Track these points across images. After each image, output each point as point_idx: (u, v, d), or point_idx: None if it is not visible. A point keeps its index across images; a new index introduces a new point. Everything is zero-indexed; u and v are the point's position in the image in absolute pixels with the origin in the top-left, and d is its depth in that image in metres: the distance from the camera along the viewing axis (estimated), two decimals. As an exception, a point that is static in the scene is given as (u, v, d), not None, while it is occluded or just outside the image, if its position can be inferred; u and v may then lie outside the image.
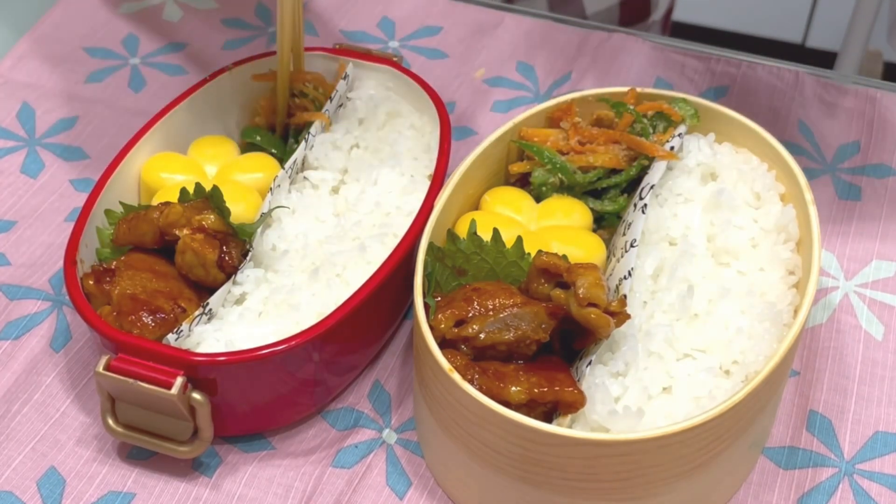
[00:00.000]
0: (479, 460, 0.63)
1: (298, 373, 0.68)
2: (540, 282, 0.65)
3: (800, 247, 0.70)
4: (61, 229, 0.84)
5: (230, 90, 0.83)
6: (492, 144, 0.74)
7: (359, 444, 0.71)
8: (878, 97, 0.92)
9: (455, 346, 0.63)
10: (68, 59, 0.99)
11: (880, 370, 0.75)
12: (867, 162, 0.88)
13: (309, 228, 0.74)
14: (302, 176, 0.78)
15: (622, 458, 0.59)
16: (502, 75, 0.97)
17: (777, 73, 0.95)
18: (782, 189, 0.73)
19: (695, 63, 0.97)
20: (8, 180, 0.88)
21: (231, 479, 0.70)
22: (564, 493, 0.62)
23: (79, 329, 0.78)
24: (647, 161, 0.73)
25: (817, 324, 0.77)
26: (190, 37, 1.01)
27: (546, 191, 0.73)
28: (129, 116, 0.93)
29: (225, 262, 0.69)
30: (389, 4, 1.04)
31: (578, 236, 0.70)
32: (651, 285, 0.68)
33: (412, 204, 0.75)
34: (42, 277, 0.81)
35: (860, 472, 0.70)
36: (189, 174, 0.77)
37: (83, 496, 0.69)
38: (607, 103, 0.76)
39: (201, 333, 0.68)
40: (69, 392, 0.74)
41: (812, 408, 0.73)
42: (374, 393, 0.74)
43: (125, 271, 0.69)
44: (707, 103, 0.76)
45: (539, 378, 0.62)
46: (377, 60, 0.84)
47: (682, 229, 0.71)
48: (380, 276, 0.68)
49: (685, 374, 0.64)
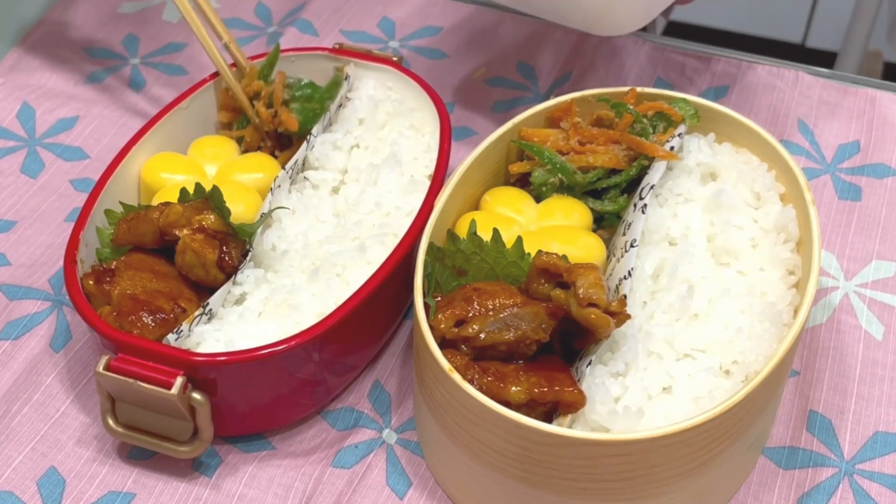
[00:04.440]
0: (479, 460, 0.63)
1: (298, 373, 0.68)
2: (540, 282, 0.65)
3: (800, 247, 0.70)
4: (61, 229, 0.84)
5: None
6: (492, 144, 0.74)
7: (359, 444, 0.71)
8: (878, 97, 0.92)
9: (455, 346, 0.64)
10: (68, 59, 0.99)
11: (880, 370, 0.75)
12: (867, 162, 0.88)
13: (309, 228, 0.74)
14: (302, 176, 0.78)
15: (622, 458, 0.59)
16: (502, 75, 0.97)
17: (777, 73, 0.95)
18: (782, 189, 0.73)
19: (695, 63, 0.97)
20: (8, 180, 0.88)
21: (231, 479, 0.70)
22: (564, 493, 0.62)
23: (79, 329, 0.78)
24: (647, 161, 0.73)
25: (817, 324, 0.77)
26: (190, 37, 1.01)
27: (546, 191, 0.73)
28: (129, 116, 0.93)
29: (225, 263, 0.69)
30: (389, 4, 1.04)
31: (578, 236, 0.70)
32: (651, 285, 0.68)
33: (412, 204, 0.75)
34: (42, 277, 0.81)
35: (860, 472, 0.70)
36: (189, 174, 0.77)
37: (83, 496, 0.69)
38: (607, 103, 0.76)
39: (201, 333, 0.68)
40: (69, 392, 0.74)
41: (812, 408, 0.73)
42: (374, 393, 0.74)
43: (125, 271, 0.69)
44: (707, 103, 0.76)
45: (539, 378, 0.62)
46: (377, 60, 0.84)
47: (682, 229, 0.71)
48: (380, 276, 0.68)
49: (685, 374, 0.64)
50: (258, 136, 0.82)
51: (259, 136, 0.82)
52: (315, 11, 1.03)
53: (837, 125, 0.91)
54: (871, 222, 0.84)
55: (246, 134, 0.82)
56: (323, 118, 0.80)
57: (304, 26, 1.02)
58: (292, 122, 0.80)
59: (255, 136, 0.82)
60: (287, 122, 0.80)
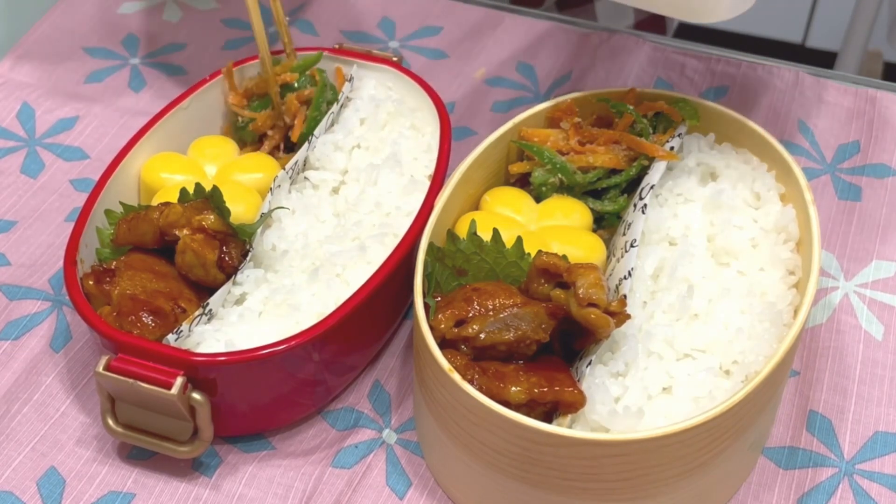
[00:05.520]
0: (479, 460, 0.63)
1: (298, 373, 0.68)
2: (540, 282, 0.65)
3: (800, 247, 0.70)
4: (61, 229, 0.84)
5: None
6: (492, 144, 0.74)
7: (359, 444, 0.71)
8: (878, 97, 0.92)
9: (455, 346, 0.64)
10: (68, 59, 0.99)
11: (880, 370, 0.75)
12: (867, 162, 0.88)
13: (309, 228, 0.74)
14: (302, 176, 0.78)
15: (622, 458, 0.59)
16: (502, 75, 0.97)
17: (777, 73, 0.95)
18: (782, 189, 0.73)
19: (695, 63, 0.97)
20: (8, 180, 0.88)
21: (231, 479, 0.70)
22: (564, 493, 0.62)
23: (79, 329, 0.78)
24: (647, 161, 0.73)
25: (817, 324, 0.77)
26: (190, 37, 1.01)
27: (546, 191, 0.73)
28: (129, 116, 0.93)
29: (225, 263, 0.69)
30: (389, 4, 1.04)
31: (578, 236, 0.70)
32: (651, 285, 0.68)
33: (412, 204, 0.75)
34: (42, 277, 0.81)
35: (860, 472, 0.70)
36: (189, 174, 0.77)
37: (83, 496, 0.69)
38: (607, 103, 0.76)
39: (201, 333, 0.68)
40: (69, 392, 0.74)
41: (812, 408, 0.73)
42: (374, 393, 0.74)
43: (125, 271, 0.69)
44: (707, 103, 0.76)
45: (539, 378, 0.62)
46: (377, 60, 0.84)
47: (682, 229, 0.71)
48: (380, 276, 0.68)
49: (685, 374, 0.64)
50: (269, 124, 0.82)
51: (270, 124, 0.82)
52: (315, 11, 1.03)
53: (837, 125, 0.91)
54: (871, 222, 0.84)
55: (260, 118, 0.81)
56: (325, 119, 0.80)
57: (304, 26, 1.02)
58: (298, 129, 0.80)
59: (267, 122, 0.81)
60: (298, 126, 0.80)
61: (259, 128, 0.81)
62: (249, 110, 0.82)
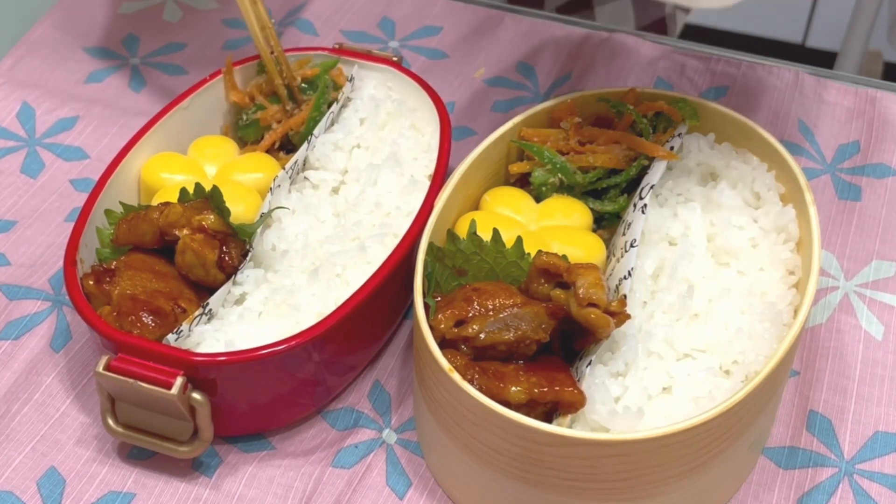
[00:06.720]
0: (479, 460, 0.63)
1: (298, 373, 0.68)
2: (540, 282, 0.65)
3: (800, 247, 0.70)
4: (61, 229, 0.84)
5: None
6: (492, 144, 0.74)
7: (359, 444, 0.71)
8: (878, 97, 0.92)
9: (455, 346, 0.64)
10: (68, 59, 0.99)
11: (880, 370, 0.75)
12: (867, 162, 0.88)
13: (309, 228, 0.74)
14: (302, 176, 0.78)
15: (622, 458, 0.59)
16: (502, 75, 0.97)
17: (777, 73, 0.95)
18: (782, 189, 0.73)
19: (695, 63, 0.97)
20: (8, 180, 0.88)
21: (231, 479, 0.70)
22: (564, 493, 0.62)
23: (79, 329, 0.78)
24: (647, 161, 0.73)
25: (817, 324, 0.77)
26: (190, 37, 1.01)
27: (546, 191, 0.73)
28: (129, 116, 0.93)
29: (225, 263, 0.69)
30: (389, 4, 1.04)
31: (578, 236, 0.70)
32: (651, 285, 0.68)
33: (412, 204, 0.75)
34: (42, 277, 0.81)
35: (860, 472, 0.70)
36: (189, 174, 0.77)
37: (83, 496, 0.69)
38: (607, 103, 0.76)
39: (201, 333, 0.68)
40: (69, 392, 0.74)
41: (812, 408, 0.73)
42: (374, 393, 0.74)
43: (125, 271, 0.69)
44: (707, 103, 0.76)
45: (539, 378, 0.62)
46: (377, 60, 0.84)
47: (682, 229, 0.71)
48: (380, 276, 0.68)
49: (685, 374, 0.64)
50: (278, 117, 0.82)
51: (279, 118, 0.82)
52: (315, 11, 1.03)
53: (837, 125, 0.91)
54: (871, 222, 0.84)
55: (269, 110, 0.81)
56: (325, 119, 0.80)
57: (304, 26, 1.02)
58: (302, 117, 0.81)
59: (276, 115, 0.82)
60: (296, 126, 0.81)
61: (267, 119, 0.81)
62: (254, 108, 0.82)
